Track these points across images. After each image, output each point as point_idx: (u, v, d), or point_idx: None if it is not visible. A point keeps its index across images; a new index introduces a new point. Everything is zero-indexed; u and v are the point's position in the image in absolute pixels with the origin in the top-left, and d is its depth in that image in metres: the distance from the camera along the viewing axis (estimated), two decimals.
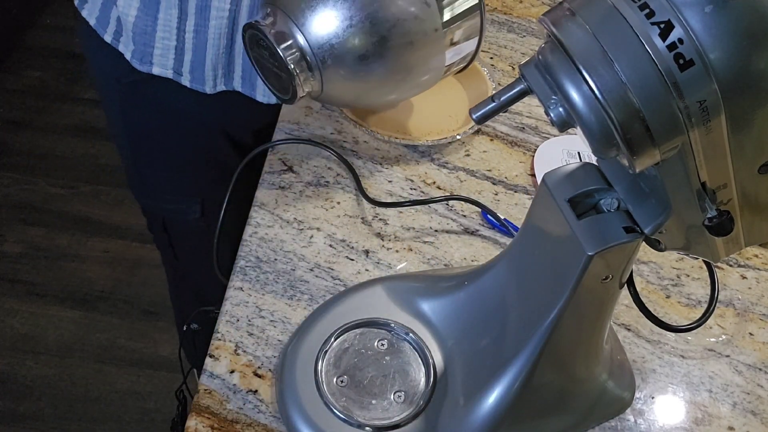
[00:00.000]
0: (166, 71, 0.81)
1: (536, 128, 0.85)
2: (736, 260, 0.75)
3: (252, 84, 0.82)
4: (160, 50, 0.79)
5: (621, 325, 0.68)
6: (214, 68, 0.80)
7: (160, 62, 0.81)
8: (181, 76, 0.81)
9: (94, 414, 1.54)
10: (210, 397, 0.59)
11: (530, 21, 1.00)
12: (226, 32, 0.78)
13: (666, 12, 0.34)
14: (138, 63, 0.81)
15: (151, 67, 0.81)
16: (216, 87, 0.82)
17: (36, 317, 1.68)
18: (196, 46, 0.78)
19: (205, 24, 0.77)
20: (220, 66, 0.80)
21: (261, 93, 0.83)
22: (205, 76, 0.81)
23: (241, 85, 0.83)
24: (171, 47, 0.79)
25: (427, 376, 0.58)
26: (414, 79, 0.71)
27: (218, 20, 0.76)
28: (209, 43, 0.78)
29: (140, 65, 0.81)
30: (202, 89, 0.82)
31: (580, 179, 0.48)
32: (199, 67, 0.80)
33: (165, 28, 0.78)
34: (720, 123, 0.37)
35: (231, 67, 0.81)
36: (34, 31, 2.33)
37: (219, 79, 0.82)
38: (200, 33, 0.77)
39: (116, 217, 1.88)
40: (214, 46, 0.78)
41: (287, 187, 0.75)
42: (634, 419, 0.62)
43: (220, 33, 0.77)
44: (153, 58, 0.80)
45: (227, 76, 0.82)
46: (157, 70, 0.81)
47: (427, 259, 0.71)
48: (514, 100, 0.43)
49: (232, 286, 0.67)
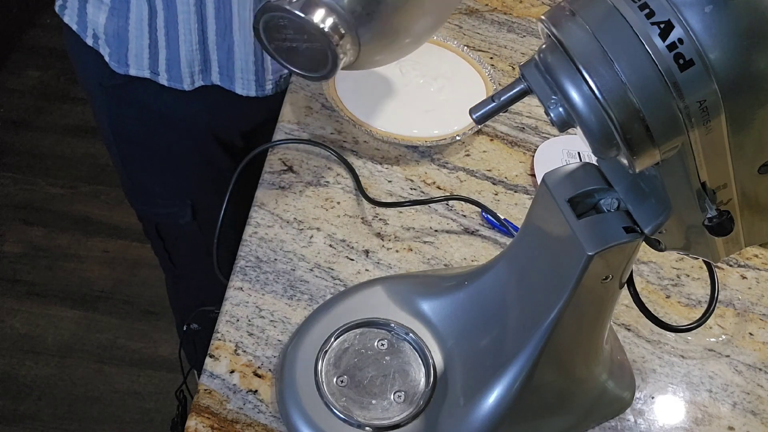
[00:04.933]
0: (143, 71, 0.81)
1: (536, 128, 0.85)
2: (736, 260, 0.74)
3: (230, 77, 0.83)
4: (135, 50, 0.79)
5: (621, 325, 0.68)
6: (189, 64, 0.80)
7: (135, 63, 0.81)
8: (158, 75, 0.81)
9: (94, 414, 1.54)
10: (210, 397, 0.59)
11: (530, 21, 1.00)
12: (195, 27, 0.78)
13: (666, 12, 0.34)
14: (116, 65, 0.81)
15: (127, 68, 0.81)
16: (194, 83, 0.82)
17: (36, 317, 1.68)
18: (168, 42, 0.78)
19: (173, 19, 0.77)
20: (196, 62, 0.80)
21: (240, 86, 0.83)
22: (182, 73, 0.81)
23: (220, 79, 0.83)
24: (144, 46, 0.79)
25: (427, 376, 0.58)
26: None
27: (185, 14, 0.76)
28: (181, 39, 0.78)
29: (118, 67, 0.81)
30: (181, 87, 0.82)
31: (580, 179, 0.48)
32: (174, 64, 0.80)
33: (137, 27, 0.78)
34: (720, 123, 0.37)
35: (207, 64, 0.81)
36: (34, 31, 2.33)
37: (196, 75, 0.82)
38: (170, 29, 0.78)
39: (116, 217, 1.88)
40: (186, 41, 0.78)
41: (287, 187, 0.75)
42: (634, 419, 0.62)
43: (189, 28, 0.77)
44: (128, 60, 0.81)
45: (204, 71, 0.82)
46: (134, 71, 0.81)
47: (427, 259, 0.71)
48: (514, 100, 0.43)
49: (232, 286, 0.67)
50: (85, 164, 2.01)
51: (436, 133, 0.80)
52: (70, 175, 1.98)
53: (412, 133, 0.80)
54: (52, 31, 2.32)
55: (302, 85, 0.85)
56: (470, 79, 0.87)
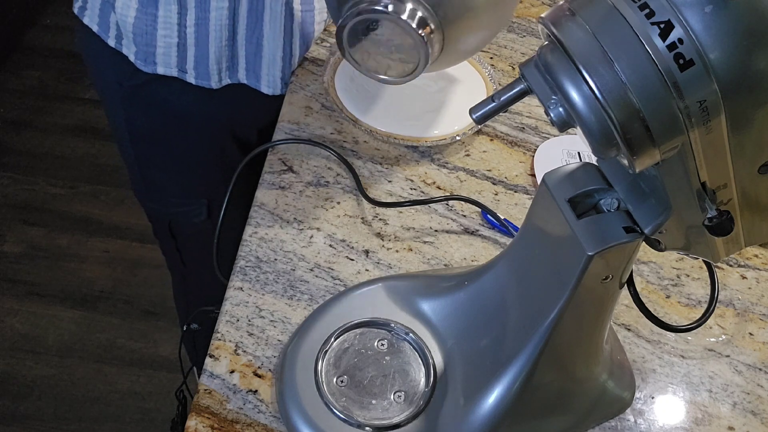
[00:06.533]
0: (171, 69, 0.81)
1: (536, 128, 0.85)
2: (736, 260, 0.74)
3: (257, 75, 0.83)
4: (163, 48, 0.79)
5: (621, 325, 0.68)
6: (218, 61, 0.80)
7: (163, 61, 0.80)
8: (186, 74, 0.81)
9: (94, 414, 1.54)
10: (210, 397, 0.59)
11: (530, 21, 1.00)
12: (227, 23, 0.78)
13: (666, 12, 0.34)
14: (142, 64, 0.81)
15: (155, 67, 0.81)
16: (221, 81, 0.82)
17: (36, 317, 1.68)
18: (198, 40, 0.78)
19: (205, 16, 0.77)
20: (224, 59, 0.80)
21: (266, 84, 0.83)
22: (210, 71, 0.81)
23: (246, 77, 0.83)
24: (173, 44, 0.79)
25: (427, 376, 0.58)
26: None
27: (219, 11, 0.76)
28: (211, 36, 0.78)
29: (144, 66, 0.81)
30: (208, 84, 0.82)
31: (580, 179, 0.48)
32: (203, 61, 0.80)
33: (165, 25, 0.78)
34: (720, 123, 0.37)
35: (235, 60, 0.81)
36: (34, 31, 2.33)
37: (224, 72, 0.82)
38: (201, 26, 0.77)
39: (116, 217, 1.88)
40: (216, 38, 0.78)
41: (287, 187, 0.75)
42: (634, 419, 0.62)
43: (221, 24, 0.77)
44: (156, 58, 0.80)
45: (231, 69, 0.82)
46: (162, 70, 0.81)
47: (427, 259, 0.71)
48: (514, 100, 0.43)
49: (232, 286, 0.67)
50: (85, 164, 2.01)
51: (436, 133, 0.80)
52: (70, 175, 1.98)
53: (412, 133, 0.80)
54: (52, 31, 2.32)
55: (302, 85, 0.85)
56: (470, 79, 0.87)
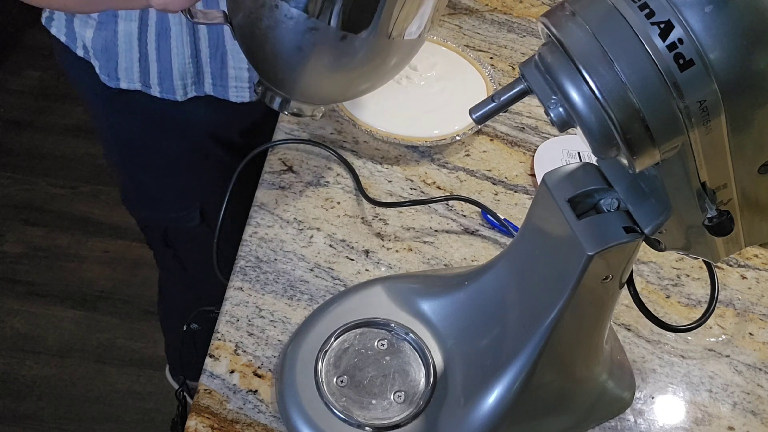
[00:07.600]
0: (134, 84, 0.80)
1: (536, 128, 0.85)
2: (736, 260, 0.74)
3: (224, 87, 0.82)
4: (125, 64, 0.79)
5: (621, 325, 0.68)
6: (182, 77, 0.80)
7: (126, 76, 0.80)
8: (150, 88, 0.81)
9: (94, 414, 1.54)
10: (210, 397, 0.59)
11: (530, 21, 1.00)
12: (188, 39, 0.77)
13: (666, 12, 0.34)
14: (106, 78, 0.80)
15: (118, 82, 0.80)
16: (187, 94, 0.82)
17: (36, 317, 1.68)
18: (159, 55, 0.78)
19: (165, 32, 0.76)
20: (189, 74, 0.80)
21: (234, 94, 0.83)
22: (174, 86, 0.80)
23: (213, 90, 0.82)
24: (134, 59, 0.78)
25: (427, 376, 0.58)
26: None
27: (177, 26, 0.76)
28: (173, 52, 0.77)
29: (108, 81, 0.80)
30: (173, 98, 0.81)
31: (580, 179, 0.48)
32: (167, 77, 0.79)
33: (126, 41, 0.77)
34: (720, 123, 0.37)
35: (200, 76, 0.81)
36: (34, 31, 2.33)
37: (189, 87, 0.81)
38: (162, 41, 0.77)
39: (116, 217, 1.88)
40: (179, 54, 0.77)
41: (287, 187, 0.75)
42: (634, 419, 0.62)
43: (182, 40, 0.77)
44: (118, 74, 0.80)
45: (197, 84, 0.81)
46: (125, 85, 0.80)
47: (427, 259, 0.71)
48: (514, 100, 0.43)
49: (232, 286, 0.67)
50: (85, 164, 2.01)
51: (436, 133, 0.80)
52: (70, 175, 1.98)
53: (412, 133, 0.80)
54: None
55: None
56: (470, 79, 0.87)
